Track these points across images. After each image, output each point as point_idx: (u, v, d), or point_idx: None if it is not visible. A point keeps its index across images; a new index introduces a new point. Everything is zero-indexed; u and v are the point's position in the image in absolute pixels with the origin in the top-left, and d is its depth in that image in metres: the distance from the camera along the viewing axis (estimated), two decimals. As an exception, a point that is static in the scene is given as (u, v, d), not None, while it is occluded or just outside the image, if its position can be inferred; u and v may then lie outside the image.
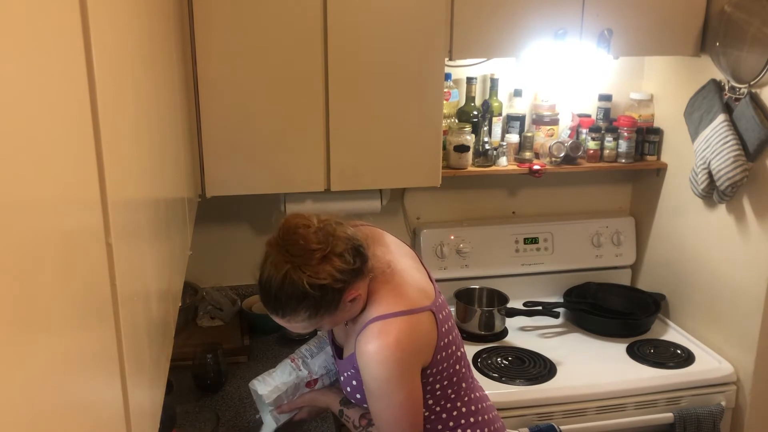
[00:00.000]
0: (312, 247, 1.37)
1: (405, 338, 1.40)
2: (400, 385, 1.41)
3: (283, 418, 1.69)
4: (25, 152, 0.47)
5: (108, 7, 0.74)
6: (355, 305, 1.45)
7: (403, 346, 1.40)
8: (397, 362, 1.40)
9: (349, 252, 1.39)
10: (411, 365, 1.43)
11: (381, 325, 1.41)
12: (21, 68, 0.47)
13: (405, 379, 1.42)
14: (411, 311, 1.43)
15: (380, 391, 1.42)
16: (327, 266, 1.36)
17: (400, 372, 1.41)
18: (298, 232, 1.39)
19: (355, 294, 1.42)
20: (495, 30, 2.07)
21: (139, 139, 0.93)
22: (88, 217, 0.63)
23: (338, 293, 1.39)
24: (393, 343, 1.39)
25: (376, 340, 1.40)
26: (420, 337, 1.44)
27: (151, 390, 0.93)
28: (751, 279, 2.13)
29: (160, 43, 1.24)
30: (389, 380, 1.41)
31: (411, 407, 1.44)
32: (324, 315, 1.41)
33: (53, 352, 0.51)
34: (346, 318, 1.48)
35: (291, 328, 1.47)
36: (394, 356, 1.39)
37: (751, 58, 2.05)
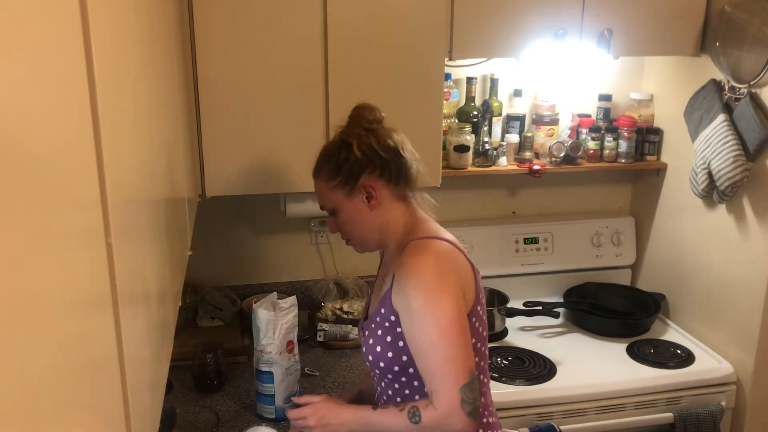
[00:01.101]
0: (367, 116, 1.47)
1: (445, 256, 1.39)
2: (444, 295, 1.33)
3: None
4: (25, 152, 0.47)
5: (108, 7, 0.74)
6: (370, 214, 1.46)
7: (442, 261, 1.38)
8: (437, 271, 1.35)
9: (389, 147, 1.45)
10: (456, 284, 1.36)
11: (423, 241, 1.41)
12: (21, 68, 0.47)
13: (449, 291, 1.34)
14: (456, 246, 1.44)
15: (426, 305, 1.34)
16: (364, 134, 1.46)
17: (441, 281, 1.35)
18: (368, 107, 1.49)
19: (371, 187, 1.44)
20: (495, 30, 2.07)
21: (139, 139, 0.93)
22: (88, 217, 0.63)
23: (358, 167, 1.44)
24: (436, 255, 1.38)
25: (418, 252, 1.38)
26: (461, 268, 1.41)
27: (151, 390, 0.93)
28: (751, 279, 2.13)
29: (160, 43, 1.24)
30: (432, 290, 1.34)
31: (463, 328, 1.34)
32: (339, 187, 1.45)
33: (53, 352, 0.51)
34: (360, 224, 1.48)
35: (319, 199, 1.53)
36: (434, 266, 1.36)
37: (751, 58, 2.05)
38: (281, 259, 2.49)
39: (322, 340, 2.24)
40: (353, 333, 2.25)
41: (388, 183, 1.46)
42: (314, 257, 2.50)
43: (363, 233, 1.50)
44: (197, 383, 1.99)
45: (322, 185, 1.50)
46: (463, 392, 1.31)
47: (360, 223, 1.49)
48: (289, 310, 1.82)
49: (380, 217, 1.48)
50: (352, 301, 2.40)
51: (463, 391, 1.31)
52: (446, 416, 1.32)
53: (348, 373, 2.09)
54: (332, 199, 1.49)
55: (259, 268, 2.48)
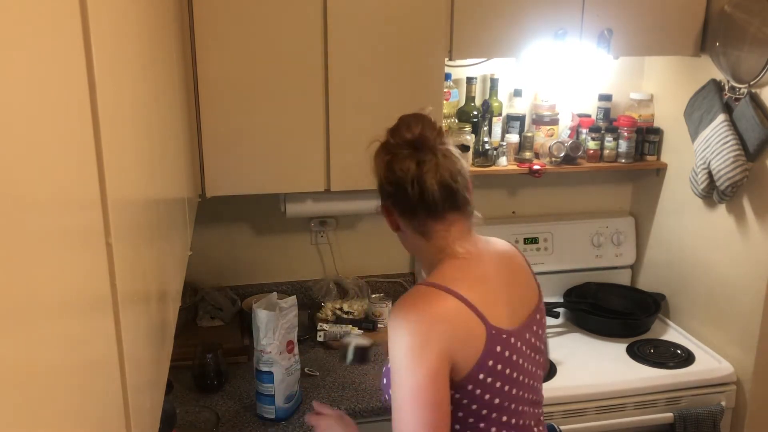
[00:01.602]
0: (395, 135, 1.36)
1: (444, 315, 1.24)
2: (422, 362, 1.20)
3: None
4: (25, 152, 0.47)
5: (108, 7, 0.74)
6: (400, 234, 1.41)
7: (438, 323, 1.23)
8: (425, 334, 1.22)
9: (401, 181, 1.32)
10: (440, 352, 1.22)
11: (426, 290, 1.28)
12: (21, 68, 0.47)
13: (429, 360, 1.20)
14: (464, 300, 1.26)
15: (399, 363, 1.23)
16: (381, 157, 1.37)
17: (425, 347, 1.21)
18: (410, 120, 1.36)
19: (387, 214, 1.39)
20: (495, 30, 2.07)
21: (139, 139, 0.93)
22: (88, 217, 0.63)
23: (378, 188, 1.38)
24: (429, 312, 1.24)
25: (412, 301, 1.27)
26: (457, 327, 1.25)
27: (151, 390, 0.93)
28: (751, 279, 2.13)
29: (160, 43, 1.24)
30: (411, 351, 1.21)
31: (432, 399, 1.20)
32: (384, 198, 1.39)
33: (53, 352, 0.51)
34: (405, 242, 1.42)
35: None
36: (424, 327, 1.22)
37: (751, 58, 2.05)
38: (281, 259, 2.49)
39: (322, 340, 2.24)
40: (353, 333, 2.25)
41: (401, 214, 1.37)
42: (314, 257, 2.50)
43: (405, 246, 1.46)
44: (197, 383, 1.99)
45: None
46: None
47: (399, 237, 1.45)
48: (289, 310, 1.82)
49: (407, 240, 1.41)
50: (352, 301, 2.40)
51: None
52: None
53: (348, 373, 2.09)
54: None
55: (259, 268, 2.48)
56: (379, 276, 2.56)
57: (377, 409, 1.93)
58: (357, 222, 2.50)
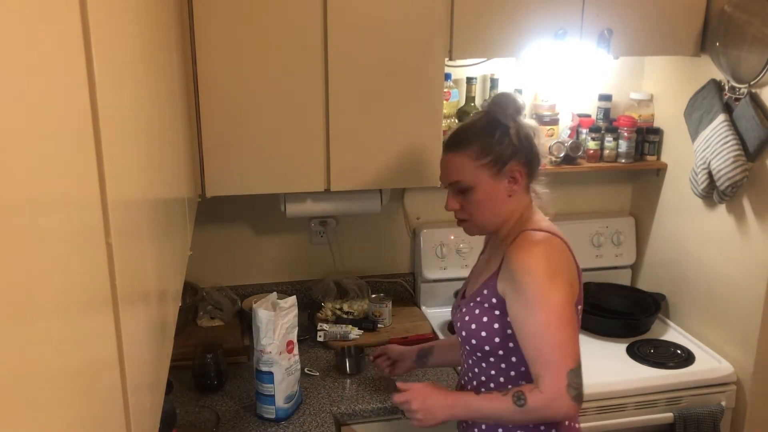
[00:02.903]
0: (515, 103, 1.52)
1: (559, 251, 1.45)
2: (555, 284, 1.38)
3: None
4: (25, 152, 0.47)
5: (108, 7, 0.74)
6: (506, 200, 1.50)
7: (559, 255, 1.44)
8: (553, 264, 1.40)
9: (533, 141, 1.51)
10: (564, 275, 1.42)
11: (538, 233, 1.45)
12: (21, 68, 0.47)
13: (558, 281, 1.39)
14: (567, 245, 1.48)
15: (538, 290, 1.38)
16: (519, 122, 1.50)
17: (556, 273, 1.40)
18: (509, 94, 1.55)
19: (518, 173, 1.49)
20: (495, 30, 2.07)
21: (139, 139, 0.93)
22: (88, 217, 0.63)
23: (509, 150, 1.47)
24: (550, 249, 1.43)
25: (534, 241, 1.43)
26: (571, 264, 1.47)
27: (151, 390, 0.93)
28: (751, 279, 2.13)
29: (160, 43, 1.24)
30: (543, 278, 1.38)
31: (571, 317, 1.39)
32: (487, 166, 1.47)
33: (53, 352, 0.51)
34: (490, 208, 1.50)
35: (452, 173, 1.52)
36: (551, 258, 1.41)
37: (751, 58, 2.05)
38: (281, 259, 2.49)
39: (322, 340, 2.24)
40: (353, 333, 2.25)
41: (527, 174, 1.52)
42: (314, 257, 2.50)
43: (489, 216, 1.53)
44: (197, 383, 1.99)
45: (465, 160, 1.49)
46: (570, 377, 1.35)
47: (492, 206, 1.51)
48: (289, 310, 1.82)
49: (512, 204, 1.52)
50: (352, 301, 2.40)
51: (570, 376, 1.35)
52: (552, 400, 1.35)
53: (348, 373, 2.09)
54: (473, 176, 1.49)
55: (259, 268, 2.48)
56: (379, 276, 2.56)
57: (377, 410, 1.93)
58: (357, 222, 2.50)
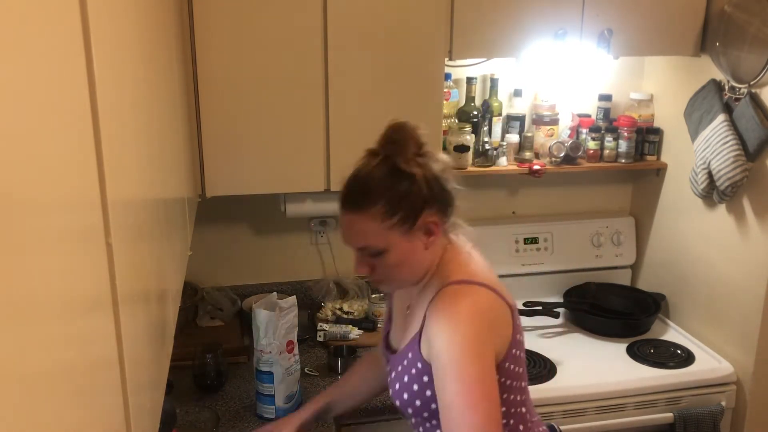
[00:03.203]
0: (421, 141, 1.29)
1: (484, 307, 1.28)
2: (474, 357, 1.23)
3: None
4: (25, 152, 0.47)
5: (108, 6, 0.74)
6: (423, 252, 1.31)
7: (481, 313, 1.26)
8: (472, 328, 1.24)
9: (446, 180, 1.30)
10: (487, 339, 1.25)
11: (459, 288, 1.28)
12: (21, 68, 0.47)
13: (479, 352, 1.23)
14: (492, 288, 1.30)
15: (454, 360, 1.23)
16: (422, 162, 1.28)
17: (473, 341, 1.23)
18: (407, 128, 1.29)
19: (433, 222, 1.29)
20: (495, 30, 2.07)
21: (139, 139, 0.93)
22: (88, 217, 0.63)
23: (420, 202, 1.27)
24: (471, 307, 1.26)
25: (453, 301, 1.27)
26: (496, 316, 1.30)
27: (151, 390, 0.93)
28: (751, 279, 2.13)
29: (160, 42, 1.24)
30: (464, 346, 1.23)
31: (487, 390, 1.22)
32: (398, 224, 1.27)
33: (53, 352, 0.51)
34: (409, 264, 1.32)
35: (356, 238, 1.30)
36: (470, 321, 1.24)
37: (751, 58, 2.05)
38: (281, 259, 2.49)
39: (322, 340, 2.24)
40: (353, 333, 2.25)
41: (443, 218, 1.32)
42: (314, 257, 2.50)
43: (408, 275, 1.35)
44: (197, 383, 1.99)
45: (370, 223, 1.27)
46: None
47: (410, 263, 1.33)
48: (289, 310, 1.82)
49: (432, 255, 1.34)
50: (352, 301, 2.40)
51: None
52: None
53: (348, 373, 2.09)
54: (383, 239, 1.29)
55: (259, 268, 2.48)
56: (379, 276, 2.56)
57: (377, 409, 1.93)
58: (357, 222, 2.50)
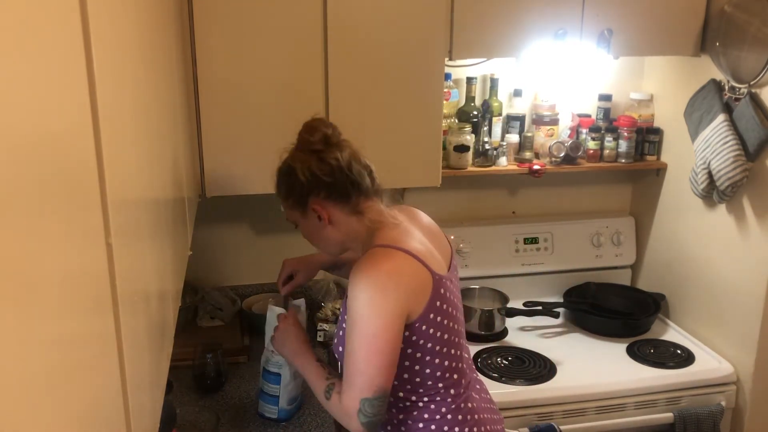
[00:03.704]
0: (308, 138, 1.50)
1: (397, 268, 1.41)
2: (378, 313, 1.37)
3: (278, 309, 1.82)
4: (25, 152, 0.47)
5: (108, 6, 0.74)
6: (327, 231, 1.53)
7: (391, 274, 1.40)
8: (380, 285, 1.38)
9: (332, 167, 1.47)
10: (396, 300, 1.39)
11: (378, 250, 1.44)
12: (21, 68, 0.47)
13: (386, 310, 1.37)
14: (412, 254, 1.44)
15: (358, 320, 1.38)
16: (307, 157, 1.49)
17: (381, 298, 1.38)
18: (315, 123, 1.52)
19: (319, 208, 1.49)
20: (495, 30, 2.07)
21: (139, 140, 0.93)
22: (88, 217, 0.63)
23: (305, 190, 1.49)
24: (385, 268, 1.41)
25: (370, 261, 1.42)
26: (412, 279, 1.43)
27: (151, 390, 0.93)
28: (751, 279, 2.13)
29: (160, 43, 1.24)
30: (368, 305, 1.37)
31: (386, 346, 1.37)
32: (294, 207, 1.53)
33: (53, 352, 0.51)
34: (320, 237, 1.55)
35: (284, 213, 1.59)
36: (381, 280, 1.39)
37: (751, 58, 2.05)
38: (281, 259, 2.48)
39: (322, 340, 2.24)
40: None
41: (336, 203, 1.50)
42: (314, 257, 2.50)
43: (325, 244, 1.60)
44: (197, 383, 1.99)
45: (281, 202, 1.59)
46: (362, 404, 1.38)
47: (319, 236, 1.57)
48: (302, 311, 1.81)
49: (337, 231, 1.54)
50: (352, 301, 2.40)
51: (363, 403, 1.38)
52: (344, 414, 1.42)
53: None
54: (291, 216, 1.58)
55: (259, 268, 2.47)
56: (379, 276, 2.56)
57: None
58: (357, 222, 2.50)
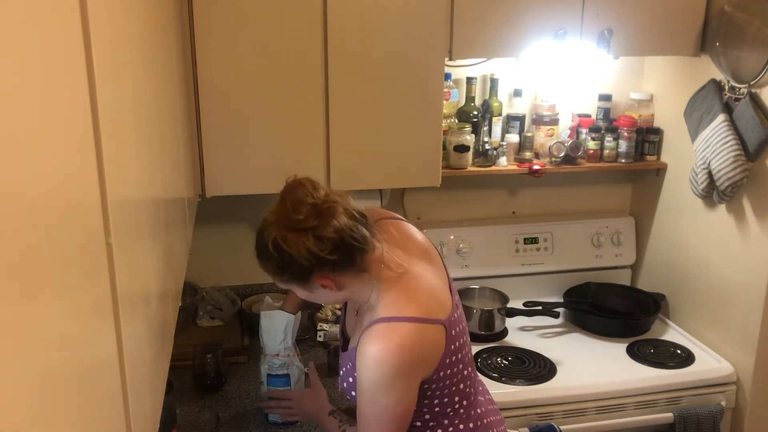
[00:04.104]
0: (296, 217, 1.33)
1: (408, 345, 1.34)
2: (390, 391, 1.35)
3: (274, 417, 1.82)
4: (25, 152, 0.47)
5: (108, 7, 0.74)
6: (332, 293, 1.42)
7: (404, 354, 1.33)
8: (393, 369, 1.33)
9: (333, 241, 1.33)
10: (408, 375, 1.36)
11: (386, 327, 1.35)
12: (21, 68, 0.47)
13: (398, 387, 1.35)
14: (421, 320, 1.37)
15: (369, 393, 1.36)
16: (301, 239, 1.32)
17: (394, 378, 1.34)
18: (297, 194, 1.36)
19: (326, 282, 1.38)
20: (495, 30, 2.07)
21: (139, 139, 0.93)
22: (88, 217, 0.63)
23: (305, 270, 1.36)
24: (394, 349, 1.33)
25: (378, 341, 1.34)
26: (425, 349, 1.38)
27: (151, 390, 0.93)
28: (751, 279, 2.13)
29: (160, 43, 1.24)
30: (380, 384, 1.34)
31: (397, 416, 1.37)
32: (291, 281, 1.41)
33: (53, 353, 0.51)
34: (327, 300, 1.50)
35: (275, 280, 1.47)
36: (392, 362, 1.32)
37: (751, 58, 2.05)
38: (281, 259, 2.49)
39: (322, 340, 2.24)
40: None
41: (343, 271, 1.38)
42: (314, 257, 2.50)
43: (328, 301, 1.58)
44: (197, 383, 1.99)
45: (270, 272, 1.44)
46: None
47: (320, 297, 1.50)
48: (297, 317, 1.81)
49: (343, 293, 1.44)
50: (352, 301, 2.40)
51: None
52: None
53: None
54: (285, 285, 1.46)
55: (259, 268, 2.46)
56: (379, 276, 2.56)
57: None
58: (357, 222, 2.50)
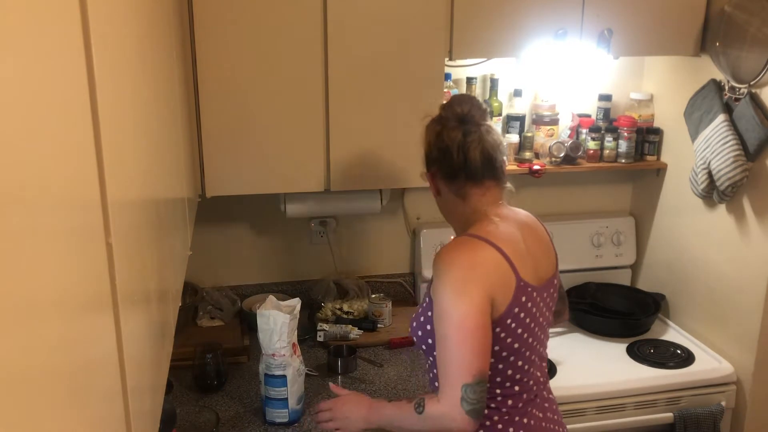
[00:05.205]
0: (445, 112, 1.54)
1: (483, 260, 1.40)
2: (465, 299, 1.35)
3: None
4: (25, 152, 0.47)
5: (108, 7, 0.74)
6: (438, 199, 1.58)
7: (477, 266, 1.40)
8: (461, 270, 1.39)
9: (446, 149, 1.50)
10: (481, 287, 1.37)
11: (468, 239, 1.45)
12: (21, 68, 0.47)
13: (471, 296, 1.36)
14: (499, 249, 1.42)
15: (444, 300, 1.37)
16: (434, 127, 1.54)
17: (463, 281, 1.37)
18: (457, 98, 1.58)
19: (431, 179, 1.55)
20: (495, 30, 2.07)
21: (139, 139, 0.93)
22: (88, 217, 0.63)
23: (427, 157, 1.55)
24: (469, 256, 1.41)
25: (455, 247, 1.44)
26: (494, 271, 1.41)
27: (151, 390, 0.93)
28: (751, 279, 2.13)
29: (160, 43, 1.24)
30: (452, 288, 1.37)
31: (476, 330, 1.35)
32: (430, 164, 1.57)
33: (53, 353, 0.51)
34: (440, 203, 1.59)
35: None
36: (465, 268, 1.39)
37: (751, 58, 2.05)
38: (281, 259, 2.49)
39: (322, 340, 2.24)
40: (353, 333, 2.25)
41: (444, 179, 1.53)
42: (314, 257, 2.50)
43: (443, 213, 1.63)
44: (197, 383, 1.99)
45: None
46: (464, 391, 1.33)
47: (437, 201, 1.61)
48: (296, 312, 1.81)
49: (445, 204, 1.58)
50: (352, 301, 2.40)
51: (465, 389, 1.33)
52: (446, 411, 1.35)
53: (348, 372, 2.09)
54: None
55: (259, 268, 2.48)
56: (379, 276, 2.56)
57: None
58: (357, 222, 2.50)
